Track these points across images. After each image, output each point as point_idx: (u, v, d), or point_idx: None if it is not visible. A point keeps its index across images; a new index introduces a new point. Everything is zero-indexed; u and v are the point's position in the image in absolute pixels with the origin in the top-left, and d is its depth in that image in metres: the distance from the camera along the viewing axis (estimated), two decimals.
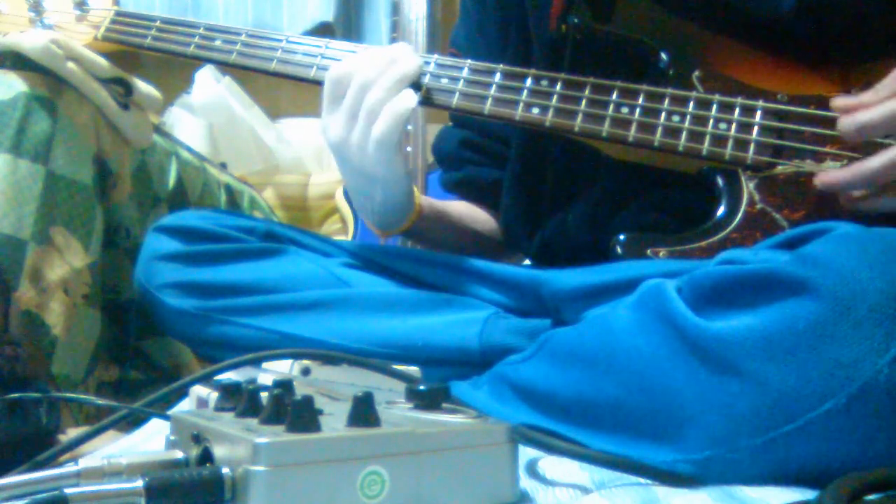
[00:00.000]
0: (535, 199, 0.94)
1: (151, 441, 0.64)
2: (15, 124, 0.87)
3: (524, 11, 0.93)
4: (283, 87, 1.96)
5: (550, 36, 0.88)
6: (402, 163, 0.86)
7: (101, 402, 0.64)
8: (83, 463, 0.43)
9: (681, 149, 0.77)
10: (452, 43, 1.05)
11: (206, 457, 0.43)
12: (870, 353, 0.46)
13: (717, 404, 0.50)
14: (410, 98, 0.81)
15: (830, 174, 0.71)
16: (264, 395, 0.45)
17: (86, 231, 0.92)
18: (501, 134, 1.00)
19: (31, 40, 0.90)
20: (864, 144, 0.72)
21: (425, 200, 0.97)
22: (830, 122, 0.75)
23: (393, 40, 1.82)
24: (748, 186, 0.76)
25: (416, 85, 0.83)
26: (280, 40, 0.90)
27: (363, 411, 0.43)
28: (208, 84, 1.85)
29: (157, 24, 0.94)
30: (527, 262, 1.01)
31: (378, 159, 0.82)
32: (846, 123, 0.71)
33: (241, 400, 0.46)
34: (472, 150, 1.04)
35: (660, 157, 0.79)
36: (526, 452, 0.53)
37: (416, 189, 0.94)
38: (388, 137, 0.80)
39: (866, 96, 0.71)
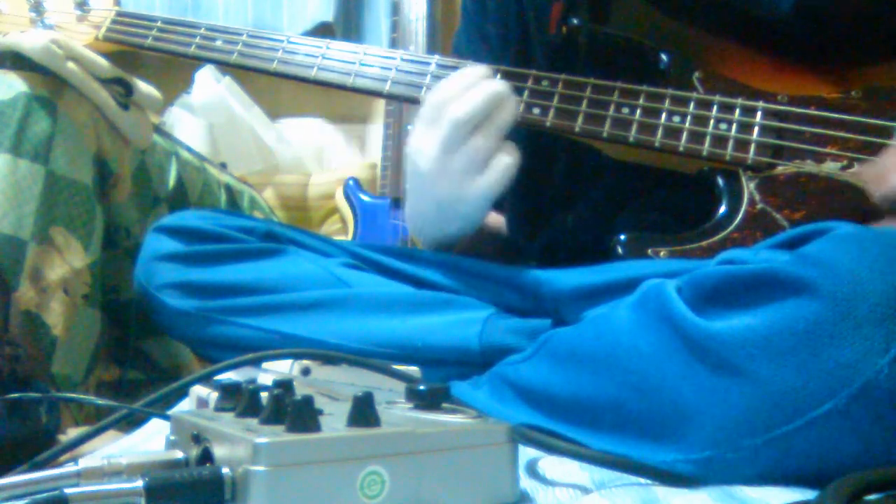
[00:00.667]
0: (537, 201, 0.94)
1: (151, 441, 0.64)
2: (15, 124, 0.87)
3: (524, 14, 0.93)
4: (283, 87, 1.96)
5: (551, 38, 0.88)
6: (490, 207, 0.83)
7: (101, 402, 0.64)
8: (83, 463, 0.43)
9: (681, 149, 0.77)
10: (455, 49, 1.05)
11: (206, 457, 0.43)
12: (870, 353, 0.46)
13: (718, 404, 0.50)
14: (515, 152, 0.79)
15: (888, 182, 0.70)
16: (264, 395, 0.45)
17: (86, 231, 0.92)
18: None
19: (31, 40, 0.90)
20: (867, 144, 0.72)
21: None
22: (831, 123, 0.75)
23: (393, 40, 1.83)
24: (749, 187, 0.76)
25: None
26: (281, 40, 0.91)
27: (363, 411, 0.43)
28: (208, 84, 1.85)
29: (158, 24, 0.94)
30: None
31: (474, 204, 0.81)
32: (881, 194, 0.71)
33: (241, 400, 0.46)
34: None
35: (660, 158, 0.79)
36: (526, 452, 0.53)
37: None
38: (495, 190, 0.79)
39: (891, 160, 0.71)
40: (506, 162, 0.79)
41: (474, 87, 0.80)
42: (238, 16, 2.00)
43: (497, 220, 1.04)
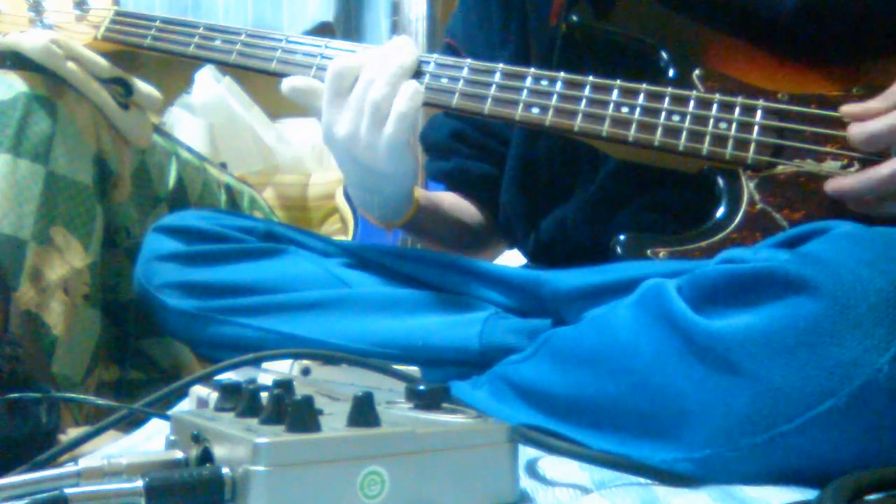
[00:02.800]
0: (533, 197, 0.94)
1: (151, 441, 0.64)
2: (15, 124, 0.87)
3: (525, 9, 0.93)
4: None
5: (550, 34, 0.88)
6: (412, 158, 0.85)
7: (101, 402, 0.64)
8: (83, 463, 0.43)
9: (681, 149, 0.77)
10: (449, 33, 1.05)
11: (206, 457, 0.43)
12: (870, 352, 0.46)
13: (717, 403, 0.50)
14: (417, 95, 0.80)
15: (840, 181, 0.71)
16: (264, 395, 0.45)
17: (86, 231, 0.92)
18: (498, 130, 1.00)
19: (31, 40, 0.90)
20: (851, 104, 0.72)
21: (421, 192, 0.97)
22: (831, 122, 0.75)
23: None
24: (748, 186, 0.76)
25: (416, 77, 0.83)
26: (280, 40, 0.90)
27: (363, 411, 0.43)
28: (208, 84, 1.85)
29: (157, 24, 0.94)
30: (525, 260, 1.01)
31: (390, 157, 0.81)
32: (856, 133, 0.71)
33: (241, 400, 0.46)
34: (462, 142, 1.04)
35: (660, 157, 0.79)
36: (526, 452, 0.53)
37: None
38: (400, 136, 0.79)
39: (875, 103, 0.71)
40: (402, 106, 0.79)
41: (362, 50, 0.84)
42: (238, 16, 2.00)
43: (450, 198, 1.05)
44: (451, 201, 1.04)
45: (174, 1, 2.01)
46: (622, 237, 0.77)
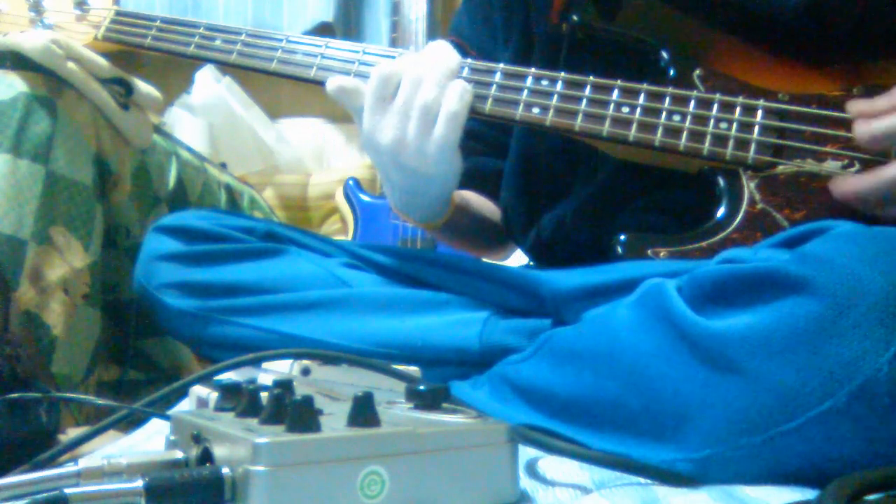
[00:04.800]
0: (533, 194, 0.94)
1: (151, 441, 0.64)
2: (15, 124, 0.87)
3: (527, 8, 0.93)
4: (283, 87, 1.96)
5: (551, 33, 0.88)
6: (459, 158, 0.83)
7: (101, 402, 0.64)
8: (83, 463, 0.43)
9: (682, 149, 0.77)
10: (454, 31, 1.05)
11: (206, 457, 0.43)
12: (870, 352, 0.46)
13: (717, 403, 0.50)
14: (466, 94, 0.79)
15: (846, 184, 0.71)
16: (264, 395, 0.45)
17: (86, 231, 0.92)
18: (509, 126, 1.00)
19: (31, 40, 0.90)
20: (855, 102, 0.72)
21: (455, 191, 0.96)
22: (832, 122, 0.75)
23: (393, 40, 1.83)
24: (749, 186, 0.76)
25: None
26: (280, 40, 0.90)
27: (363, 411, 0.43)
28: (208, 84, 1.85)
29: (158, 23, 0.94)
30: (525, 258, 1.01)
31: (439, 159, 0.80)
32: (862, 131, 0.71)
33: (241, 400, 0.46)
34: (477, 140, 1.04)
35: (660, 157, 0.79)
36: (526, 452, 0.53)
37: None
38: (451, 138, 0.79)
39: (881, 101, 0.71)
40: (451, 107, 0.78)
41: (405, 55, 0.83)
42: (238, 16, 2.00)
43: (481, 202, 1.04)
44: (476, 199, 1.04)
45: (174, 1, 2.01)
46: (623, 237, 0.77)
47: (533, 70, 0.82)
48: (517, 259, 1.12)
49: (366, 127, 0.81)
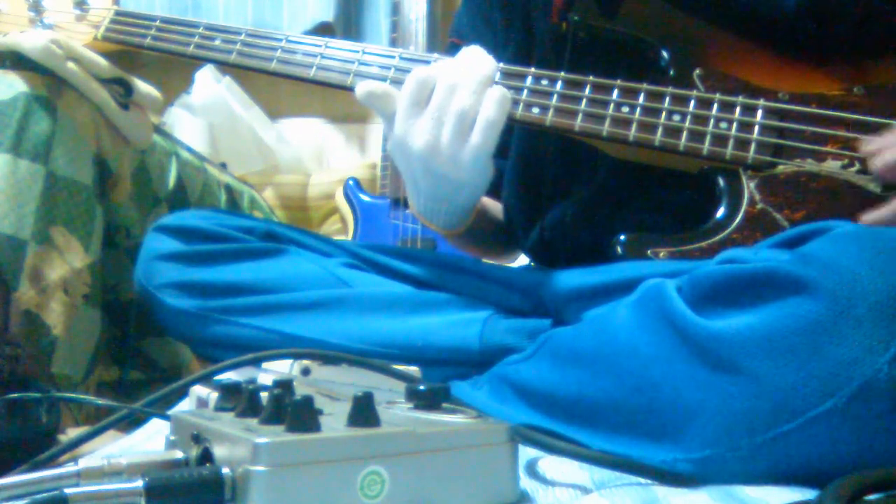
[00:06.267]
0: (533, 194, 0.93)
1: (151, 441, 0.64)
2: (15, 124, 0.87)
3: (528, 7, 0.93)
4: (283, 87, 1.96)
5: (551, 32, 0.88)
6: (491, 167, 0.82)
7: (101, 402, 0.64)
8: (83, 463, 0.43)
9: (682, 148, 0.77)
10: (455, 32, 1.04)
11: (206, 457, 0.43)
12: (870, 352, 0.46)
13: (717, 403, 0.50)
14: (506, 101, 0.78)
15: (873, 215, 0.70)
16: (264, 395, 0.45)
17: (86, 231, 0.92)
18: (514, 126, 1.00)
19: (31, 40, 0.90)
20: (868, 141, 0.72)
21: None
22: (832, 122, 0.75)
23: (393, 40, 1.83)
24: (749, 186, 0.76)
25: None
26: (280, 40, 0.90)
27: (363, 411, 0.43)
28: (208, 84, 1.85)
29: (157, 23, 0.94)
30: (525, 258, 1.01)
31: (473, 167, 0.78)
32: (878, 165, 0.71)
33: (241, 400, 0.46)
34: None
35: (660, 157, 0.79)
36: (526, 452, 0.53)
37: None
38: (487, 146, 0.77)
39: (891, 137, 0.71)
40: (490, 115, 0.77)
41: (441, 60, 0.81)
42: (238, 16, 2.00)
43: (494, 206, 1.04)
44: (490, 203, 1.04)
45: (174, 1, 2.00)
46: (623, 237, 0.77)
47: (533, 70, 0.82)
48: (518, 259, 1.12)
49: (398, 131, 0.79)
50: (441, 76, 0.78)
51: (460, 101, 0.77)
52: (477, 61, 0.79)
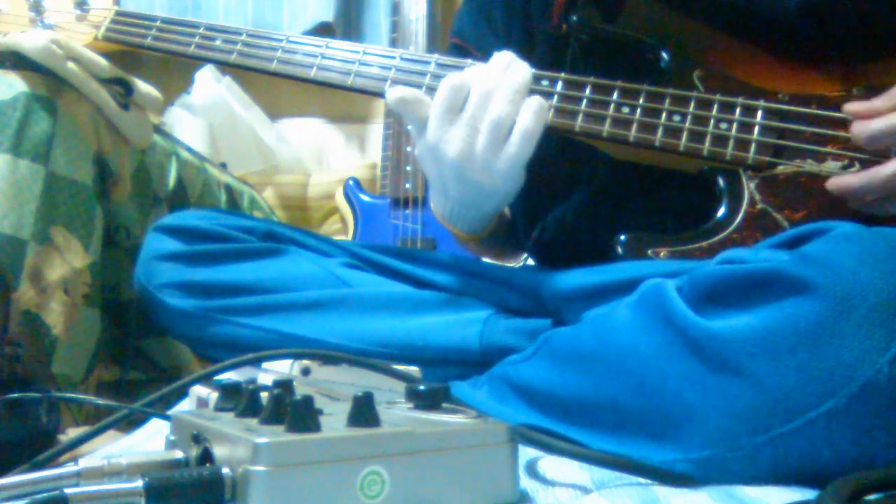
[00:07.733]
0: (534, 194, 0.94)
1: (151, 441, 0.64)
2: (15, 124, 0.87)
3: (528, 8, 0.93)
4: (283, 87, 1.96)
5: (552, 28, 0.87)
6: (524, 175, 0.80)
7: (101, 402, 0.64)
8: (83, 463, 0.43)
9: (682, 149, 0.77)
10: (457, 33, 1.04)
11: (206, 457, 0.43)
12: (870, 353, 0.46)
13: (717, 403, 0.50)
14: (544, 111, 0.77)
15: (843, 179, 0.71)
16: (264, 395, 0.45)
17: (86, 231, 0.92)
18: None
19: (31, 40, 0.90)
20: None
21: None
22: (831, 122, 0.75)
23: (393, 40, 1.83)
24: (749, 186, 0.76)
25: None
26: (280, 40, 0.90)
27: (363, 411, 0.43)
28: (208, 84, 1.85)
29: (158, 23, 0.94)
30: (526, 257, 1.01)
31: (506, 176, 0.78)
32: (858, 131, 0.71)
33: (241, 400, 0.46)
34: None
35: (660, 157, 0.79)
36: (526, 452, 0.53)
37: None
38: (523, 155, 0.77)
39: (879, 102, 0.71)
40: (528, 125, 0.76)
41: (476, 65, 0.80)
42: (238, 16, 2.00)
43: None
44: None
45: (174, 1, 2.00)
46: (623, 237, 0.77)
47: (533, 70, 0.82)
48: (523, 259, 1.12)
49: (430, 138, 0.78)
50: (476, 83, 0.77)
51: (496, 109, 0.76)
52: (512, 68, 0.78)
